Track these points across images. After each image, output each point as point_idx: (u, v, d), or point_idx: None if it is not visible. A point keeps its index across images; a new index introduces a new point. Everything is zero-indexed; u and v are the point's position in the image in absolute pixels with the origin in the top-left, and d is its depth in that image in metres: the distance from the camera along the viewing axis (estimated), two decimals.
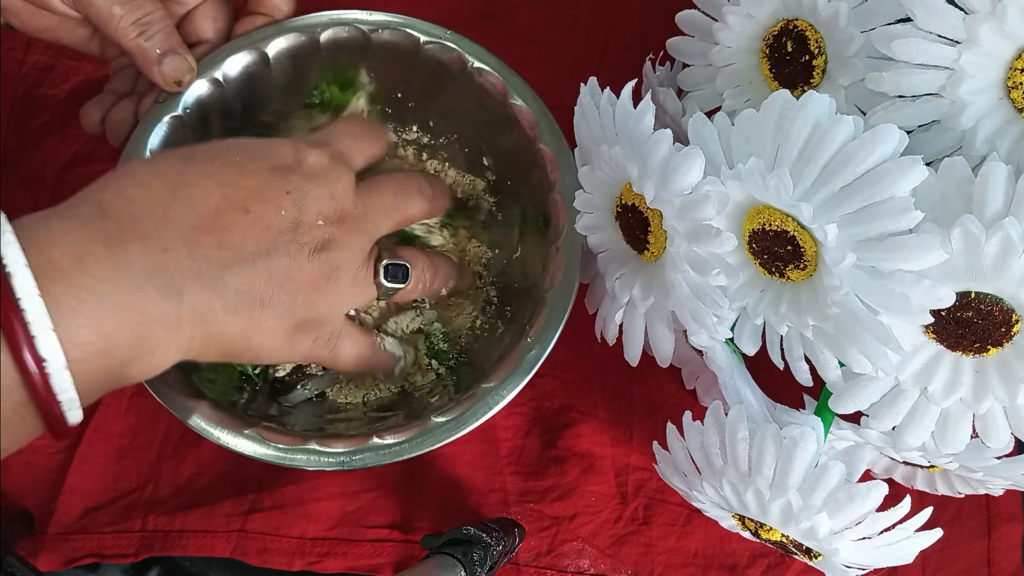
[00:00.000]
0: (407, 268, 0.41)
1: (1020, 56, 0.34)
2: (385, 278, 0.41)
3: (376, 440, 0.40)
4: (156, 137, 0.44)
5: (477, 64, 0.46)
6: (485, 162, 0.50)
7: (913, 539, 0.36)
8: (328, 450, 0.40)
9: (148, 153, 0.43)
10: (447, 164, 0.51)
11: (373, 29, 0.46)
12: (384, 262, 0.41)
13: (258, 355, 0.37)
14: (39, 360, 0.29)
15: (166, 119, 0.44)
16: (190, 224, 0.33)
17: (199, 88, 0.45)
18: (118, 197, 0.33)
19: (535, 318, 0.42)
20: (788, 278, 0.34)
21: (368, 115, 0.49)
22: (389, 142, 0.43)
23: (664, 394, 0.52)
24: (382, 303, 0.46)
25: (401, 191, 0.42)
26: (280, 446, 0.40)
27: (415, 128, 0.51)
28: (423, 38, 0.46)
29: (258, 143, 0.38)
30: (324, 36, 0.46)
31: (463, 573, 0.40)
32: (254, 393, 0.45)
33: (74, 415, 0.31)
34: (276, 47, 0.46)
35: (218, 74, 0.45)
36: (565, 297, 0.42)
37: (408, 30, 0.46)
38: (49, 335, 0.29)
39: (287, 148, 0.38)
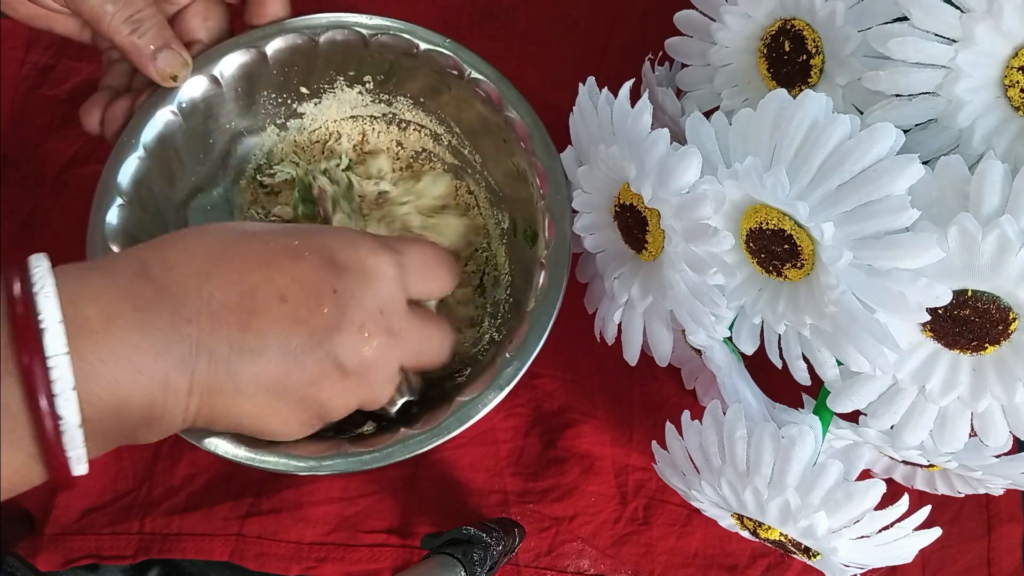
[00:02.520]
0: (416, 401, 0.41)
1: (1017, 55, 0.34)
2: (393, 411, 0.41)
3: (347, 447, 0.40)
4: (150, 132, 0.44)
5: (474, 74, 0.46)
6: (480, 171, 0.50)
7: (912, 538, 0.36)
8: (298, 454, 0.40)
9: (141, 148, 0.43)
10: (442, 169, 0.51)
11: (372, 33, 0.46)
12: (403, 397, 0.41)
13: (265, 435, 0.37)
14: (56, 417, 0.29)
15: (159, 113, 0.44)
16: (220, 300, 0.33)
17: (195, 85, 0.45)
18: (160, 260, 0.33)
19: (516, 333, 0.42)
20: (785, 277, 0.34)
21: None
22: (455, 283, 0.41)
23: (664, 394, 0.52)
24: None
25: (441, 328, 0.40)
26: (250, 447, 0.40)
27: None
28: (422, 44, 0.46)
29: (322, 232, 0.37)
30: (323, 38, 0.46)
31: (463, 573, 0.40)
32: None
33: (80, 469, 0.31)
34: (275, 47, 0.46)
35: (215, 71, 0.45)
36: (547, 313, 0.42)
37: (407, 35, 0.46)
38: (70, 393, 0.29)
39: (349, 244, 0.36)
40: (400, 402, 0.41)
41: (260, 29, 0.46)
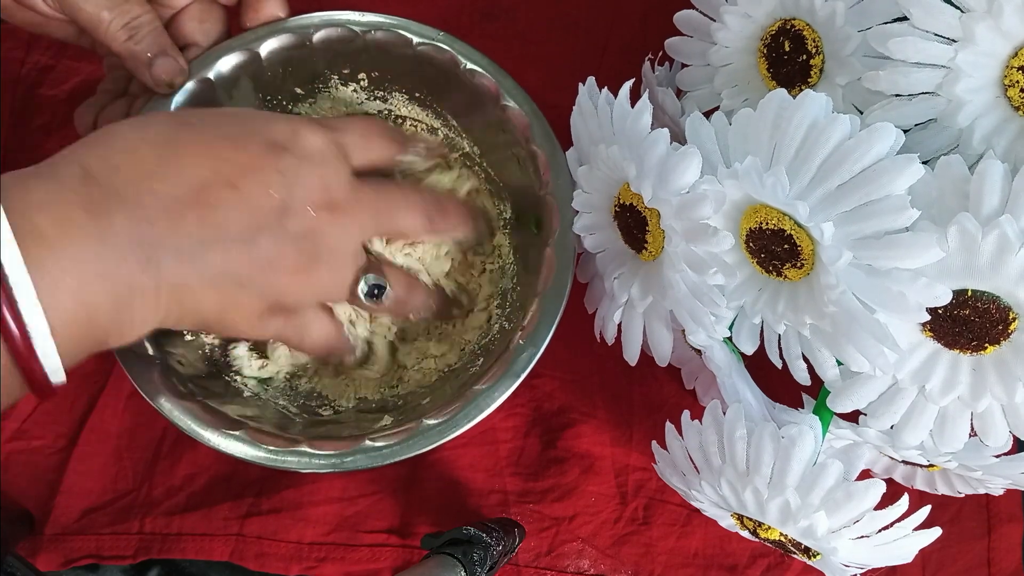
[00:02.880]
0: (386, 289, 0.41)
1: (1016, 54, 0.34)
2: (363, 294, 0.40)
3: (368, 442, 0.40)
4: None
5: (470, 66, 0.46)
6: (479, 163, 0.50)
7: (911, 537, 0.36)
8: (320, 452, 0.40)
9: None
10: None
11: (366, 30, 0.46)
12: (368, 280, 0.40)
13: (229, 330, 0.38)
14: (24, 329, 0.29)
15: None
16: (174, 197, 0.33)
17: (191, 88, 0.44)
18: (103, 162, 0.32)
19: (527, 320, 0.42)
20: (785, 277, 0.34)
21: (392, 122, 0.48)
22: (405, 151, 0.43)
23: (664, 394, 0.52)
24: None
25: (406, 196, 0.41)
26: (271, 448, 0.40)
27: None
28: (416, 39, 0.46)
29: (257, 116, 0.38)
30: (317, 37, 0.46)
31: (463, 573, 0.40)
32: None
33: (57, 378, 0.31)
34: (269, 48, 0.46)
35: (210, 74, 0.45)
36: (557, 299, 0.42)
37: (401, 31, 0.46)
38: (34, 305, 0.29)
39: (285, 124, 0.37)
40: (366, 285, 0.40)
41: (253, 31, 0.46)
